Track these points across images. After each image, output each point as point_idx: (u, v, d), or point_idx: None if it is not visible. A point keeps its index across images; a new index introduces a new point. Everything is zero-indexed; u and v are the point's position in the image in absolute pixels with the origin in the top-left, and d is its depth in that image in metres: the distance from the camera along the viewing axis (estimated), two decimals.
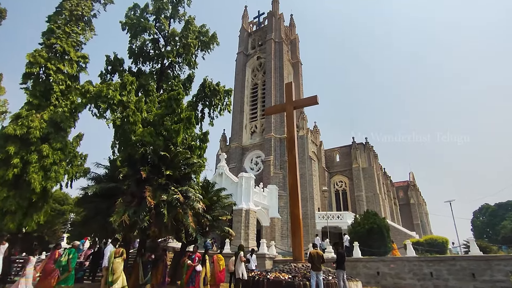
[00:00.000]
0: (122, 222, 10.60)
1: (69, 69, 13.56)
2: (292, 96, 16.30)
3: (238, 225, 27.14)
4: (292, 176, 14.30)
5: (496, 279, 12.44)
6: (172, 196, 11.61)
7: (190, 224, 11.76)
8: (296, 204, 13.51)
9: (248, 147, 41.70)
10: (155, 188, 11.99)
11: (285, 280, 10.47)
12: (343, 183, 41.40)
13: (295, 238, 13.01)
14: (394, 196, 52.20)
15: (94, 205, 12.04)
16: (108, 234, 11.84)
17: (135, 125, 12.70)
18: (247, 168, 39.26)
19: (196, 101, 18.54)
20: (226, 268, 12.54)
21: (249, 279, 11.20)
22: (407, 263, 14.49)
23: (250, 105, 45.66)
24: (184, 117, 14.26)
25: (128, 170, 12.15)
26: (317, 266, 9.54)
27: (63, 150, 12.49)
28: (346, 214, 32.80)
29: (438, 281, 13.51)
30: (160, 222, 11.34)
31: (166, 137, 13.16)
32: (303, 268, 11.60)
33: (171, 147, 12.93)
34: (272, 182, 35.13)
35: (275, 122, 39.84)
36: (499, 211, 71.85)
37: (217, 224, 15.24)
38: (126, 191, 11.68)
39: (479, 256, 13.27)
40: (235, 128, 43.70)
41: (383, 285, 14.43)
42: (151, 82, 17.36)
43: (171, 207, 11.69)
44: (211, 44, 21.18)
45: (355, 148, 41.53)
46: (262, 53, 47.68)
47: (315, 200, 34.88)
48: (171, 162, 13.08)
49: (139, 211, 11.09)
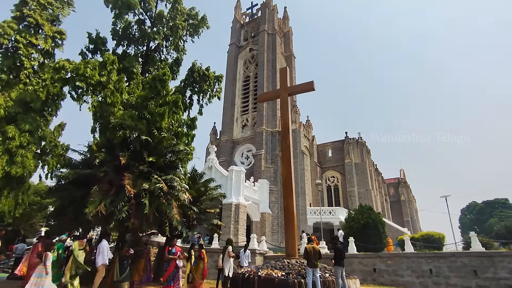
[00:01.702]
0: (98, 213, 9.49)
1: (42, 44, 12.25)
2: (286, 82, 15.31)
3: (228, 220, 26.13)
4: (286, 167, 13.35)
5: (500, 276, 11.79)
6: (154, 185, 10.53)
7: (174, 216, 10.70)
8: (290, 196, 12.58)
9: (239, 141, 40.64)
10: (136, 176, 10.88)
11: (278, 277, 9.52)
12: (335, 179, 40.79)
13: (289, 233, 12.08)
14: (385, 193, 51.99)
15: (67, 193, 10.85)
16: (81, 226, 10.67)
17: (113, 107, 11.53)
18: (238, 162, 38.23)
19: (184, 86, 17.41)
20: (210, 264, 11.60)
21: (239, 276, 10.23)
22: (405, 259, 13.75)
23: (242, 98, 44.51)
24: (170, 101, 13.14)
25: (105, 156, 11.00)
26: (313, 263, 8.62)
27: (32, 132, 11.21)
28: (338, 209, 32.15)
29: (438, 278, 12.81)
30: (141, 213, 10.25)
31: (149, 121, 12.02)
32: (297, 265, 10.68)
33: (155, 132, 11.80)
34: (263, 177, 34.21)
35: (267, 116, 38.87)
36: (486, 209, 72.94)
37: (204, 217, 14.22)
38: (103, 179, 10.55)
39: (481, 252, 12.61)
40: (225, 121, 42.53)
41: (380, 282, 13.67)
42: (135, 65, 16.14)
43: (154, 197, 10.62)
44: (201, 28, 20.02)
45: (348, 143, 40.91)
46: (254, 45, 46.52)
47: (307, 195, 34.14)
48: (155, 148, 11.97)
49: (117, 201, 9.99)
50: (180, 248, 9.31)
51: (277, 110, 39.34)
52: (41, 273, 7.56)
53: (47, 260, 7.66)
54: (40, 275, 7.52)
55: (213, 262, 15.72)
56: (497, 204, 73.02)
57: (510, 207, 70.79)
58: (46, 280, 7.49)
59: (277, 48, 44.54)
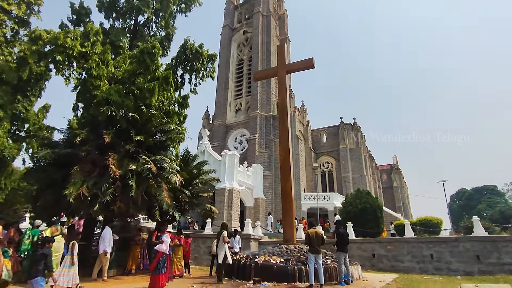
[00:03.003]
0: (80, 195, 8.66)
1: (16, 10, 11.02)
2: (285, 59, 14.42)
3: (221, 205, 25.49)
4: (283, 148, 12.64)
5: (504, 262, 11.42)
6: (142, 166, 9.70)
7: (164, 199, 9.92)
8: (288, 178, 11.93)
9: (232, 125, 39.72)
10: (122, 156, 10.04)
11: (276, 264, 8.93)
12: (330, 164, 40.38)
13: (287, 217, 11.49)
14: (378, 179, 52.06)
15: (46, 175, 9.95)
16: (62, 210, 9.81)
17: (99, 80, 10.51)
18: (231, 147, 37.42)
19: (175, 64, 16.31)
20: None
21: (234, 263, 9.59)
22: (406, 244, 13.32)
23: (235, 82, 43.31)
24: (160, 76, 12.17)
25: (88, 134, 10.08)
26: (316, 248, 7.99)
27: (3, 107, 10.15)
28: (332, 195, 31.82)
29: (439, 264, 12.42)
30: (128, 196, 9.45)
31: (137, 97, 11.07)
32: (296, 251, 10.10)
33: (143, 109, 10.86)
34: (257, 162, 33.54)
35: (261, 100, 37.91)
36: (475, 195, 74.00)
37: (197, 201, 13.47)
38: (85, 159, 9.67)
39: (484, 237, 12.20)
40: (218, 105, 41.44)
41: (379, 268, 13.25)
42: (122, 39, 14.96)
43: (142, 179, 9.81)
44: (193, 3, 18.77)
45: (343, 128, 40.34)
46: (249, 27, 45.02)
47: (301, 180, 33.69)
48: (143, 126, 11.08)
49: (101, 183, 9.17)
50: (172, 234, 8.57)
51: (272, 94, 38.41)
52: (65, 263, 7.23)
53: (74, 250, 7.38)
54: (65, 266, 7.19)
55: (206, 248, 15.11)
56: (485, 190, 74.00)
57: (497, 193, 71.92)
58: (71, 271, 7.18)
59: (271, 31, 43.20)
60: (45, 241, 6.60)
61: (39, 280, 5.84)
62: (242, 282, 8.40)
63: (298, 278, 8.34)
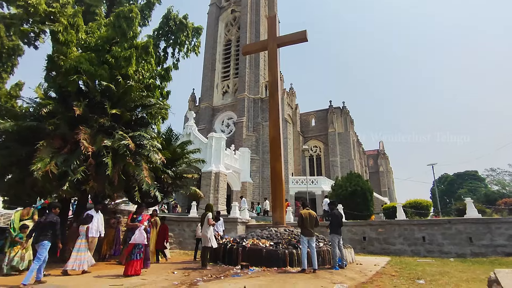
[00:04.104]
0: (48, 173, 7.69)
1: None
2: (276, 32, 13.50)
3: (207, 189, 24.76)
4: (273, 126, 11.88)
5: (497, 244, 11.20)
6: (119, 142, 8.75)
7: (144, 179, 9.03)
8: (278, 158, 11.23)
9: (219, 108, 38.58)
10: (96, 131, 9.04)
11: (265, 248, 8.28)
12: (318, 148, 40.04)
13: (276, 198, 10.83)
14: (365, 164, 52.37)
15: (9, 152, 8.86)
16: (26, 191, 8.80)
17: (67, 47, 9.33)
18: (218, 130, 36.38)
19: (157, 36, 15.05)
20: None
21: (220, 247, 8.92)
22: (397, 227, 12.97)
23: (223, 63, 41.85)
24: (139, 45, 11.05)
25: (57, 106, 8.99)
26: (309, 231, 7.36)
27: None
28: (320, 179, 31.56)
29: (431, 246, 12.14)
30: (102, 175, 8.52)
31: (112, 67, 9.95)
32: (286, 233, 9.49)
33: (120, 80, 9.78)
34: (245, 145, 32.75)
35: (249, 81, 36.80)
36: (457, 181, 75.86)
37: (181, 183, 12.64)
38: (54, 133, 8.64)
39: (478, 219, 11.95)
40: (205, 87, 40.07)
41: (369, 251, 12.91)
42: (99, 5, 13.61)
43: (118, 157, 8.87)
44: None
45: (332, 112, 39.84)
46: (237, 6, 43.25)
47: (289, 164, 33.21)
48: (120, 100, 10.04)
49: (71, 160, 8.17)
50: (149, 216, 7.75)
51: (260, 76, 37.34)
52: (80, 247, 7.07)
53: (89, 233, 7.35)
54: (79, 250, 7.03)
55: (191, 232, 14.42)
56: (467, 176, 75.85)
57: (478, 178, 73.83)
58: (87, 254, 7.11)
59: (260, 10, 41.61)
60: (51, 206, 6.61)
61: (45, 244, 5.81)
62: (228, 267, 7.74)
63: (289, 263, 7.74)
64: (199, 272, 6.81)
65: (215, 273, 6.64)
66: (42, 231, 5.98)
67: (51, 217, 6.26)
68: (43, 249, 5.79)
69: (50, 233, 6.01)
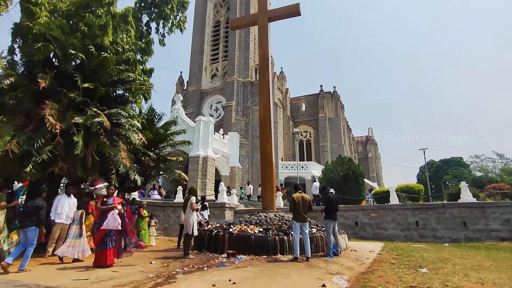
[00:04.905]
0: (8, 152, 6.79)
1: None
2: (266, 5, 12.55)
3: (195, 174, 24.05)
4: (263, 105, 11.14)
5: (492, 228, 10.92)
6: (91, 119, 7.85)
7: (121, 160, 8.21)
8: (268, 139, 10.55)
9: (207, 91, 37.38)
10: (65, 106, 8.09)
11: (254, 234, 7.65)
12: (308, 133, 39.52)
13: (266, 181, 10.20)
14: (354, 150, 52.33)
15: None
16: None
17: (38, 9, 8.26)
18: (206, 114, 35.33)
19: (139, 9, 13.87)
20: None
21: (205, 233, 8.27)
22: (390, 211, 12.59)
23: (211, 45, 40.33)
24: (117, 13, 9.99)
25: (20, 78, 7.99)
26: (302, 216, 6.74)
27: None
28: (310, 164, 31.18)
29: (424, 231, 11.81)
30: (73, 155, 7.62)
31: (86, 36, 8.93)
32: (277, 219, 8.89)
33: (93, 51, 8.78)
34: (234, 130, 31.93)
35: (239, 64, 35.62)
36: (443, 167, 77.19)
37: (165, 166, 11.84)
38: (16, 109, 7.67)
39: (473, 203, 11.63)
40: (193, 70, 38.66)
41: (361, 236, 12.53)
42: None
43: (91, 136, 7.98)
44: None
45: (323, 96, 39.16)
46: None
47: (279, 149, 32.62)
48: (94, 73, 9.06)
49: (36, 138, 7.26)
50: (120, 199, 6.98)
51: (250, 59, 36.17)
52: (75, 234, 6.69)
53: (82, 219, 6.95)
54: (75, 236, 6.66)
55: (176, 218, 13.73)
56: (452, 162, 77.21)
57: (463, 165, 75.19)
58: (81, 241, 6.67)
59: None
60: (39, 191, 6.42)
61: (33, 229, 5.67)
62: (213, 256, 7.10)
63: (279, 250, 7.16)
64: (180, 262, 6.13)
65: (198, 263, 5.98)
66: (28, 215, 5.79)
67: (37, 201, 6.02)
68: (32, 235, 5.68)
69: (35, 218, 5.81)
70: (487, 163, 60.74)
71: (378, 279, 4.45)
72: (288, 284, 4.19)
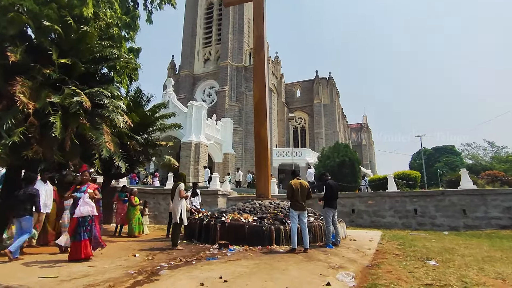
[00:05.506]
0: None
1: None
2: None
3: (187, 160, 23.43)
4: (258, 87, 10.48)
5: (491, 216, 10.63)
6: (70, 98, 7.13)
7: (104, 144, 7.57)
8: (263, 122, 9.95)
9: (200, 76, 36.35)
10: (39, 84, 7.33)
11: (248, 224, 7.14)
12: (303, 120, 38.96)
13: (261, 167, 9.65)
14: (348, 137, 52.09)
15: None
16: None
17: None
18: (199, 100, 34.35)
19: None
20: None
21: (195, 222, 7.75)
22: (388, 199, 12.23)
23: (204, 28, 38.99)
24: None
25: None
26: (300, 204, 6.24)
27: None
28: (305, 151, 30.76)
29: (423, 219, 11.50)
30: (49, 138, 6.94)
31: (63, 7, 8.06)
32: (272, 207, 8.38)
33: (71, 22, 7.95)
34: (227, 115, 31.21)
35: (233, 48, 34.57)
36: (435, 155, 77.87)
37: (153, 151, 11.21)
38: None
39: (473, 190, 11.32)
40: (185, 54, 37.46)
41: (358, 224, 12.19)
42: None
43: (70, 116, 7.28)
44: None
45: (318, 82, 38.46)
46: None
47: (273, 136, 32.08)
48: (72, 48, 8.26)
49: (5, 119, 6.54)
50: (95, 185, 6.35)
51: (244, 43, 35.12)
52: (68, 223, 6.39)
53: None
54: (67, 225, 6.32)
55: (166, 205, 13.19)
56: (444, 150, 77.89)
57: (455, 152, 75.89)
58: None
59: None
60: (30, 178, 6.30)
61: (29, 218, 5.57)
62: (204, 247, 6.59)
63: (275, 240, 6.68)
64: (167, 255, 5.60)
65: (186, 256, 5.45)
66: (23, 204, 5.62)
67: (30, 189, 5.88)
68: (27, 224, 5.56)
69: (29, 206, 5.67)
70: (477, 151, 61.24)
71: (387, 275, 3.99)
72: (287, 283, 3.68)
